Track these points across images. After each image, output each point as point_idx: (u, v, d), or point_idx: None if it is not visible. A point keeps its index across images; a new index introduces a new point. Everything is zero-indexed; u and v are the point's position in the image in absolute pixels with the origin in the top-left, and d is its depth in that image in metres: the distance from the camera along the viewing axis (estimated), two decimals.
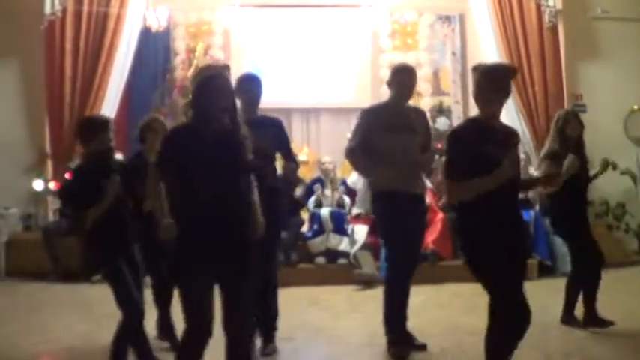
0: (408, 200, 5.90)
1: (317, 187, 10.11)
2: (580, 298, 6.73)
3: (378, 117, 6.12)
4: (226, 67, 4.49)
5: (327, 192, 10.08)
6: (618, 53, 10.85)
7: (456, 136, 4.42)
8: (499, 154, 4.17)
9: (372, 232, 9.32)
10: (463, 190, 4.18)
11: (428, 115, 7.07)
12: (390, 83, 6.21)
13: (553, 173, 5.45)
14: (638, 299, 7.24)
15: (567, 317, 6.70)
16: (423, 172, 6.37)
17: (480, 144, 4.24)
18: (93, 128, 5.31)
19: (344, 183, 10.36)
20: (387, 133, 5.95)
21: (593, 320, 6.60)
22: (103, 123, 5.40)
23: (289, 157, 6.17)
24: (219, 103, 4.18)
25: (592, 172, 7.33)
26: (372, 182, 6.29)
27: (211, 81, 4.21)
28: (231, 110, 4.27)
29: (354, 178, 9.91)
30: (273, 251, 6.11)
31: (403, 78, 6.14)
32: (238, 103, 4.80)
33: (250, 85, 6.06)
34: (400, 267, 6.01)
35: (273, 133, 5.93)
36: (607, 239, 9.86)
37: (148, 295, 6.65)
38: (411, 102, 6.44)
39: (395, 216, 5.98)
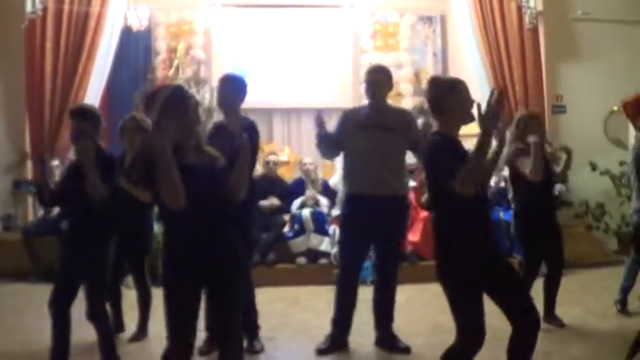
0: (378, 203, 5.95)
1: (308, 190, 10.09)
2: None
3: (354, 116, 6.23)
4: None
5: (308, 192, 10.08)
6: (599, 54, 10.90)
7: None
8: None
9: None
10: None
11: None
12: (364, 84, 6.31)
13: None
14: None
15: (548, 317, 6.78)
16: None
17: None
18: None
19: (325, 183, 10.36)
20: (361, 130, 6.05)
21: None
22: None
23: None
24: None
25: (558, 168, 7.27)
26: (345, 184, 6.36)
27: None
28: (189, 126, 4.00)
29: (336, 180, 9.89)
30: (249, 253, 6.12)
31: (373, 77, 6.20)
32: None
33: (227, 85, 6.10)
34: (347, 269, 6.24)
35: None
36: (587, 239, 9.97)
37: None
38: (393, 102, 6.50)
39: (355, 220, 6.16)
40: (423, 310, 7.46)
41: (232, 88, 6.07)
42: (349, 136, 6.09)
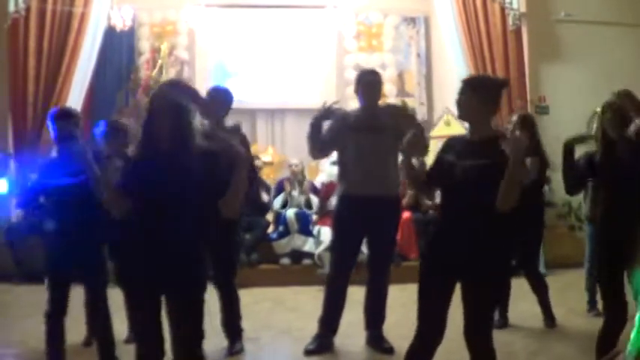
0: (371, 203, 5.97)
1: (286, 185, 10.06)
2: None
3: (348, 119, 6.21)
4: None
5: (295, 193, 10.07)
6: (582, 56, 10.95)
7: None
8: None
9: None
10: None
11: None
12: (355, 88, 6.28)
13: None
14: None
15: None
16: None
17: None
18: None
19: (313, 184, 10.35)
20: (355, 133, 6.06)
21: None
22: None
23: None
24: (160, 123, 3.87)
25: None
26: (339, 185, 6.36)
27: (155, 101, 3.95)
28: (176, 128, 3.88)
29: (324, 178, 9.90)
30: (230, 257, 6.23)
31: (372, 78, 6.26)
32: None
33: (215, 95, 6.15)
34: (338, 270, 6.27)
35: None
36: (569, 240, 10.02)
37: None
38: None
39: (345, 220, 6.19)
40: (407, 311, 7.46)
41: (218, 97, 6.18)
42: (344, 139, 6.11)
